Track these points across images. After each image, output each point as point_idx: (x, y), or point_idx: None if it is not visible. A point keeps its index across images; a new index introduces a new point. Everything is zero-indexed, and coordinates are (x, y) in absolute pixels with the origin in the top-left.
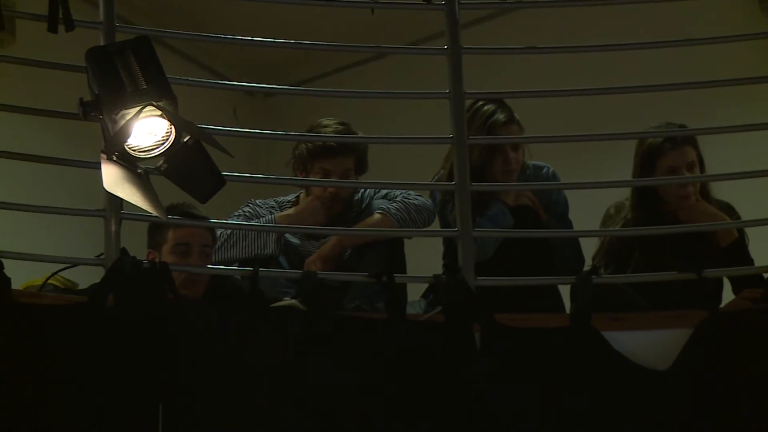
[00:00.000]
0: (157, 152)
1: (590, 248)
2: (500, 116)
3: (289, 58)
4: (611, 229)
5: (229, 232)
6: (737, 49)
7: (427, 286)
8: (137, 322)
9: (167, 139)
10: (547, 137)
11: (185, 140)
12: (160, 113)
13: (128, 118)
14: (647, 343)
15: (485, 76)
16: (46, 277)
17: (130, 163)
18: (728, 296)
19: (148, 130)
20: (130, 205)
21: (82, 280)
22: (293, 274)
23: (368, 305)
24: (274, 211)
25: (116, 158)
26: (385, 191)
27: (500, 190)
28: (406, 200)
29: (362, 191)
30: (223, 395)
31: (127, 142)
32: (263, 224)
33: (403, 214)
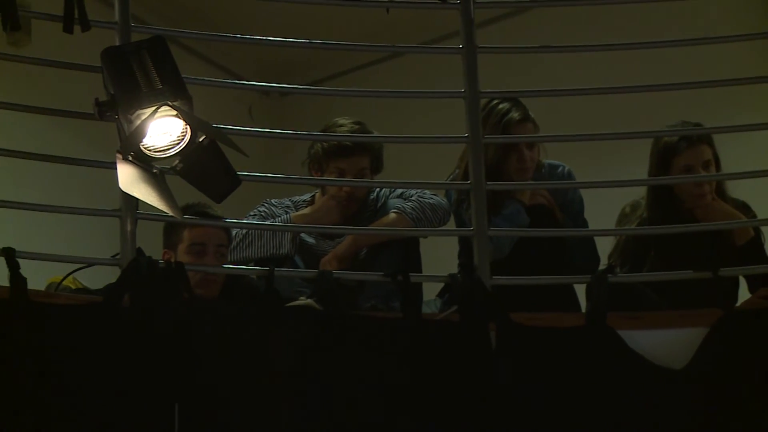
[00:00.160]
0: (172, 152)
1: (606, 247)
2: (515, 114)
3: (303, 57)
4: (627, 228)
5: (244, 231)
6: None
7: (442, 285)
8: (153, 322)
9: (182, 138)
10: (562, 136)
11: (200, 140)
12: (175, 113)
13: (144, 118)
14: (663, 341)
15: (500, 75)
16: (64, 276)
17: (145, 163)
18: (744, 295)
19: (163, 130)
20: (145, 205)
21: (97, 280)
22: (309, 273)
23: (384, 305)
24: (289, 210)
25: (132, 158)
26: (400, 190)
27: (516, 189)
28: (421, 199)
29: (377, 191)
30: (238, 395)
31: (142, 142)
32: (279, 224)
33: (418, 213)
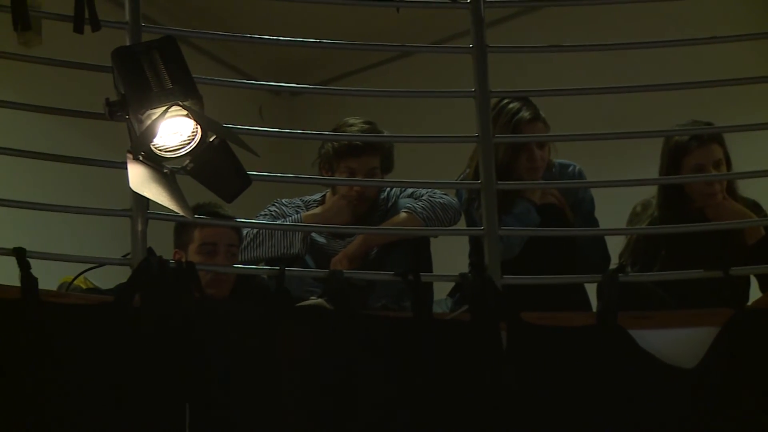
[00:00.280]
0: (183, 152)
1: (617, 247)
2: (525, 114)
3: (314, 57)
4: (638, 227)
5: (255, 231)
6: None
7: (453, 284)
8: (164, 321)
9: (193, 138)
10: (572, 135)
11: (211, 140)
12: (185, 113)
13: (154, 117)
14: (674, 341)
15: (510, 75)
16: (75, 276)
17: (156, 162)
18: (755, 294)
19: (174, 129)
20: (156, 204)
21: (108, 280)
22: (319, 273)
23: (394, 304)
24: (300, 210)
25: (142, 158)
26: (410, 190)
27: (526, 188)
28: (432, 199)
29: (388, 190)
30: (249, 395)
31: (153, 141)
32: (289, 223)
33: (429, 212)
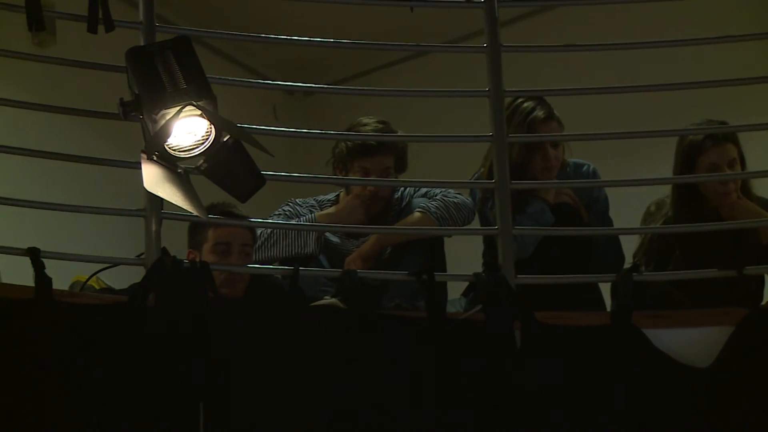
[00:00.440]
0: (197, 152)
1: (631, 246)
2: (539, 113)
3: (328, 57)
4: (652, 226)
5: (269, 231)
6: None
7: (467, 284)
8: (178, 321)
9: (207, 138)
10: (586, 135)
11: (225, 140)
12: (199, 113)
13: (168, 117)
14: (688, 340)
15: (524, 75)
16: (89, 276)
17: (170, 162)
18: None
19: (188, 129)
20: (170, 204)
21: (122, 280)
22: (333, 272)
23: (408, 304)
24: (314, 210)
25: (156, 158)
26: (424, 190)
27: (540, 187)
28: (445, 199)
29: (402, 190)
30: (263, 394)
31: (167, 141)
32: (303, 223)
33: (442, 212)
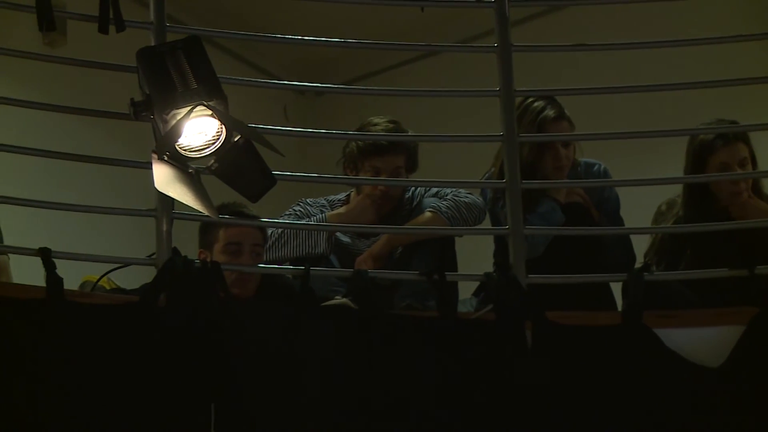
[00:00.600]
0: (208, 152)
1: (642, 246)
2: (550, 112)
3: (338, 56)
4: (662, 226)
5: (280, 231)
6: None
7: (478, 284)
8: (189, 321)
9: (218, 138)
10: (597, 134)
11: (236, 140)
12: (210, 113)
13: (179, 117)
14: (699, 340)
15: (534, 74)
16: (100, 276)
17: (181, 162)
18: None
19: (198, 129)
20: (181, 204)
21: (132, 280)
22: (344, 272)
23: (419, 304)
24: (324, 209)
25: (167, 158)
26: (435, 189)
27: (551, 187)
28: (456, 198)
29: (413, 190)
30: (275, 394)
31: (178, 141)
32: (314, 223)
33: (453, 212)
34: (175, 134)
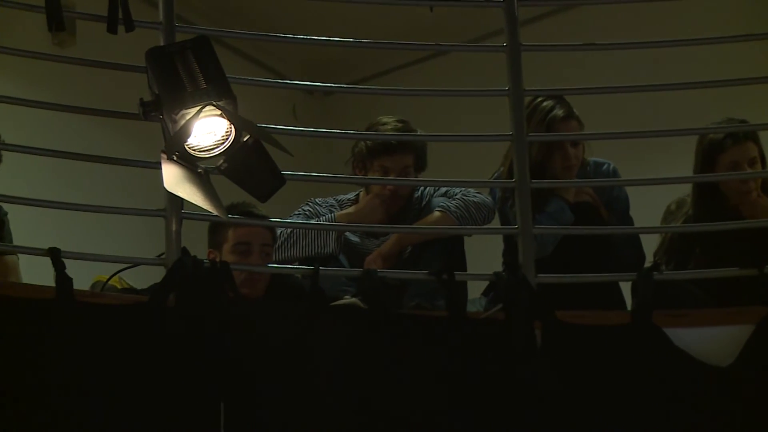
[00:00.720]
0: (217, 152)
1: (651, 245)
2: (559, 112)
3: (347, 56)
4: (672, 225)
5: (289, 230)
6: None
7: (487, 283)
8: (198, 321)
9: (227, 138)
10: (607, 134)
11: (245, 139)
12: (219, 113)
13: (188, 117)
14: (709, 339)
15: (543, 74)
16: (110, 276)
17: (190, 162)
18: None
19: (208, 129)
20: (190, 204)
21: (142, 280)
22: (353, 272)
23: (428, 303)
24: (334, 209)
25: (176, 158)
26: (444, 189)
27: (560, 186)
28: (465, 198)
29: (422, 189)
30: (284, 394)
31: (187, 141)
32: (323, 223)
33: (462, 211)
34: (184, 134)
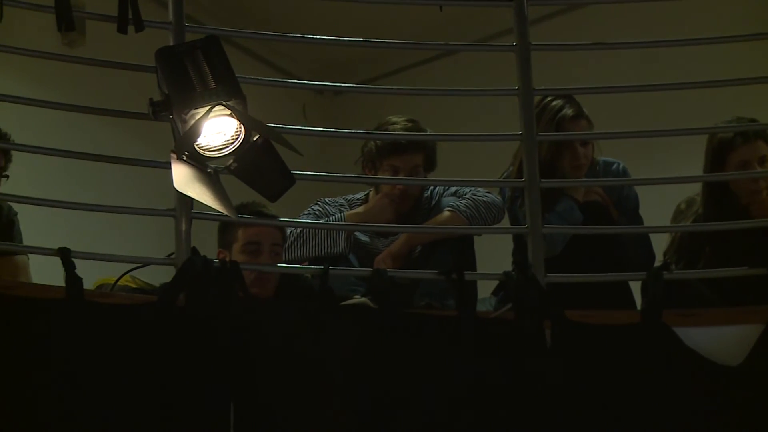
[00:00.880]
0: (226, 151)
1: (661, 244)
2: (569, 111)
3: (357, 56)
4: (681, 224)
5: (299, 230)
6: None
7: (497, 283)
8: (208, 321)
9: (237, 138)
10: (616, 133)
11: (255, 139)
12: (229, 112)
13: (198, 117)
14: (719, 339)
15: (553, 74)
16: (118, 277)
17: (200, 162)
18: None
19: (217, 129)
20: (200, 204)
21: (151, 280)
22: (363, 272)
23: (438, 303)
24: (343, 209)
25: (186, 158)
26: (454, 188)
27: (570, 185)
28: (475, 197)
29: (431, 189)
30: (294, 394)
31: (196, 141)
32: (333, 222)
33: (472, 211)
34: (194, 134)
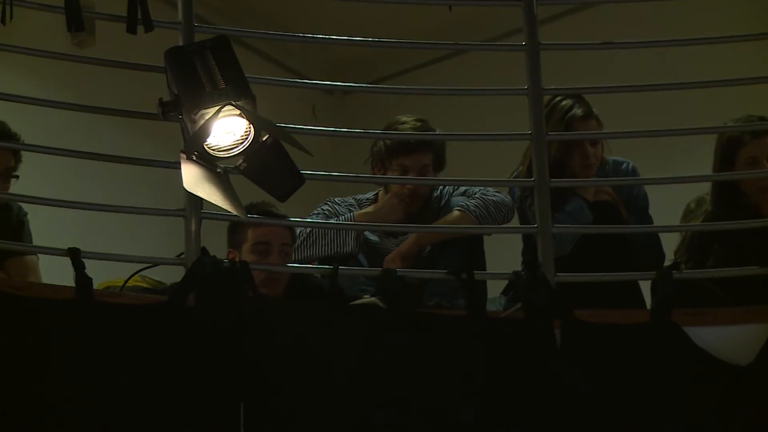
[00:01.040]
0: (236, 151)
1: (671, 244)
2: (578, 111)
3: (366, 56)
4: (691, 224)
5: (308, 230)
6: None
7: (506, 282)
8: (218, 321)
9: (246, 138)
10: (626, 133)
11: (264, 139)
12: (239, 112)
13: (207, 117)
14: (729, 338)
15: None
16: (127, 277)
17: (209, 162)
18: None
19: (227, 129)
20: (210, 204)
21: (163, 280)
22: (373, 271)
23: (448, 302)
24: (353, 209)
25: (196, 158)
26: (463, 188)
27: (579, 185)
28: (484, 197)
29: (441, 188)
30: (304, 393)
31: (206, 141)
32: (342, 222)
33: (482, 210)
34: (203, 134)
